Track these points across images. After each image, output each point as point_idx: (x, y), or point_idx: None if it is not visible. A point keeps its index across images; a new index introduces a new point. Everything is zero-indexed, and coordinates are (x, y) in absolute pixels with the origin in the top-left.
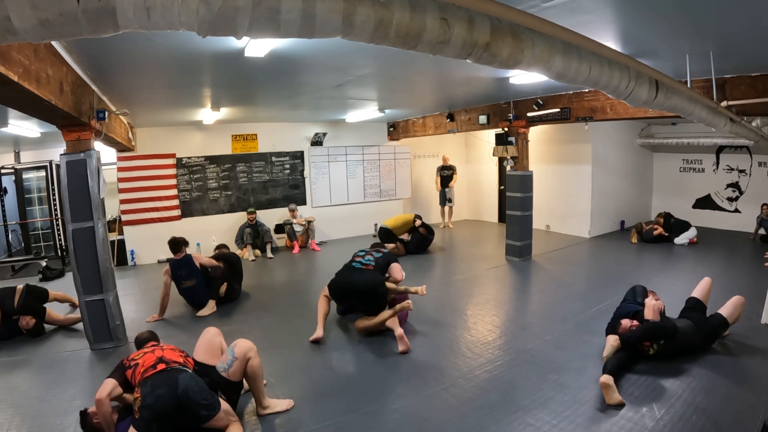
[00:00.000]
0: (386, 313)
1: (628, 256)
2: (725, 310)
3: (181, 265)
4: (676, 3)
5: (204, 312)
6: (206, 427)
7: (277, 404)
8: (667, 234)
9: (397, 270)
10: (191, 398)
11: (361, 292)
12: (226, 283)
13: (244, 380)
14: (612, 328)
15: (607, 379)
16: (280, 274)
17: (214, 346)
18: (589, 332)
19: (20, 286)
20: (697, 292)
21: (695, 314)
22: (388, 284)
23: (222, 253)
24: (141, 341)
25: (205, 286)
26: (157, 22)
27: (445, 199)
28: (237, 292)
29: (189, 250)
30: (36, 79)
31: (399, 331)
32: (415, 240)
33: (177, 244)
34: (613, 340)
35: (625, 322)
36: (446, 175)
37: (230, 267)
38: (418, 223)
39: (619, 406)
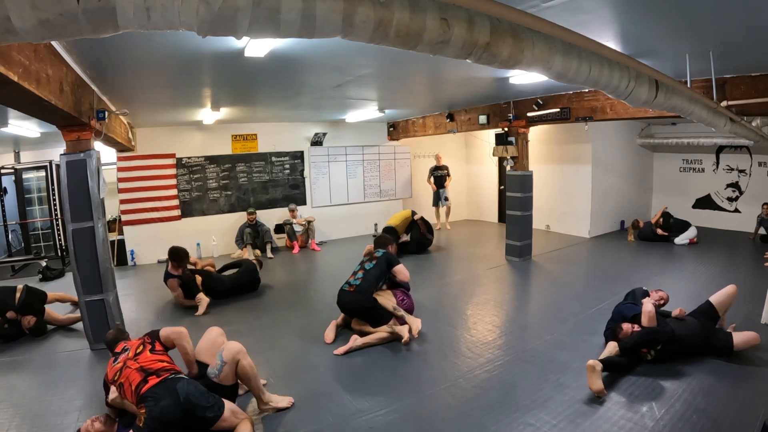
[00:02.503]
0: (378, 335)
1: (628, 256)
2: (716, 298)
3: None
4: (676, 3)
5: (199, 311)
6: (215, 429)
7: (278, 400)
8: (667, 234)
9: (402, 270)
10: (194, 404)
11: (348, 311)
12: (199, 276)
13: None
14: (611, 331)
15: (594, 363)
16: (280, 274)
17: (216, 346)
18: (589, 332)
19: (20, 286)
20: (716, 298)
21: (706, 320)
22: (382, 301)
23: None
24: (110, 342)
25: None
26: (157, 22)
27: (438, 200)
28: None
29: (189, 250)
30: (36, 79)
31: (405, 331)
32: (414, 240)
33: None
34: (612, 347)
35: (627, 327)
36: (439, 175)
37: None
38: (417, 216)
39: (600, 396)
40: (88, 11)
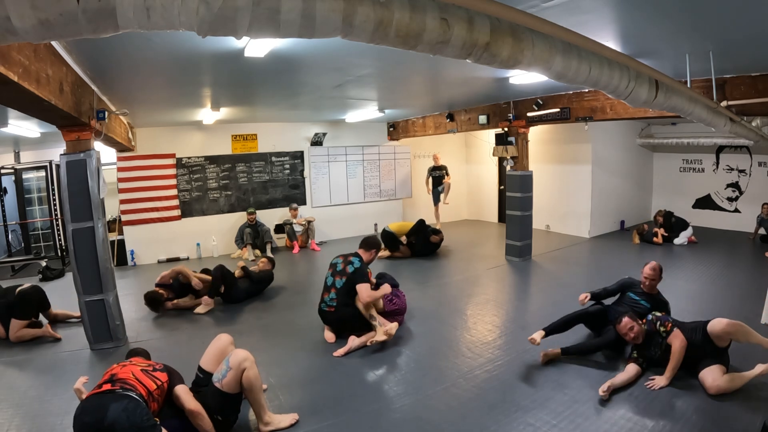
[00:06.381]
0: (360, 339)
1: (628, 256)
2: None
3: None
4: (676, 2)
5: (200, 310)
6: None
7: (280, 420)
8: (667, 234)
9: (362, 291)
10: None
11: (334, 326)
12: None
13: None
14: (612, 325)
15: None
16: (280, 274)
17: (225, 355)
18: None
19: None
20: (711, 328)
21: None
22: (361, 308)
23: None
24: (127, 353)
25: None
26: (156, 22)
27: (438, 198)
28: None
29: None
30: (36, 79)
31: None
32: (419, 245)
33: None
34: (632, 369)
35: (626, 320)
36: (437, 175)
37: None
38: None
39: (532, 342)
40: (88, 11)
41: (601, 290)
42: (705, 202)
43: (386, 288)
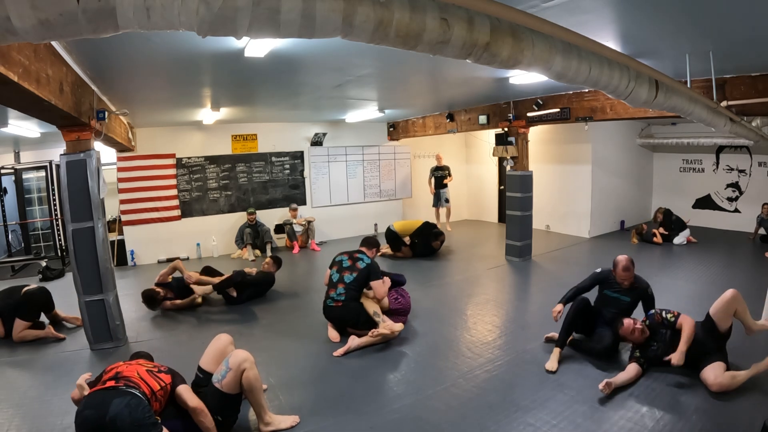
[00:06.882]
0: (366, 339)
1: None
2: (713, 308)
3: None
4: (677, 3)
5: (198, 290)
6: None
7: (280, 421)
8: (667, 233)
9: (379, 288)
10: (117, 428)
11: (338, 323)
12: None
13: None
14: (613, 324)
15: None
16: (280, 274)
17: (224, 355)
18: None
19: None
20: (712, 308)
21: (705, 332)
22: (366, 306)
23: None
24: (131, 356)
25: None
26: (156, 22)
27: (439, 201)
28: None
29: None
30: (36, 79)
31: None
32: (420, 245)
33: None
34: (632, 369)
35: (628, 323)
36: (440, 176)
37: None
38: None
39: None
40: (88, 11)
41: (573, 292)
42: (705, 202)
43: (387, 281)
